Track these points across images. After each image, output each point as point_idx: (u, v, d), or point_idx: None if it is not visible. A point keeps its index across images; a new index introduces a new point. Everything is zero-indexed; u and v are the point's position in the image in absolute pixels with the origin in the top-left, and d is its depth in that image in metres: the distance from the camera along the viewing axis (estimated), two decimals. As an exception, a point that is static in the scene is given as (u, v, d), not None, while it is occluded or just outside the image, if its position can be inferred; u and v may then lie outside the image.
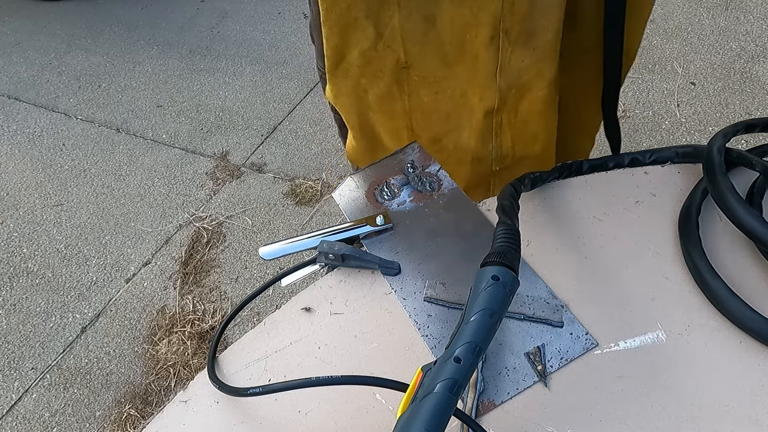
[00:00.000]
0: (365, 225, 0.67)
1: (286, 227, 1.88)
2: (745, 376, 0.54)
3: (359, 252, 0.64)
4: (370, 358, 0.58)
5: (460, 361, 0.43)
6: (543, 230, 0.67)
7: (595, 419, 0.52)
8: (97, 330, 1.66)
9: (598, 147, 2.03)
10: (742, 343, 0.56)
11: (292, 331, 0.62)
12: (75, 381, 1.56)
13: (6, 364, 1.60)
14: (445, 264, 0.64)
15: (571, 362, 0.55)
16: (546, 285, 0.61)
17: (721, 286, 0.57)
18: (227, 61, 2.42)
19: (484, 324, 0.45)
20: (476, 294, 0.47)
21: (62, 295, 1.75)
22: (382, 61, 0.72)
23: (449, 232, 0.66)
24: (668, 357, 0.55)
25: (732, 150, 0.65)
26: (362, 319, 0.61)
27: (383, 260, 0.64)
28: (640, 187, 0.69)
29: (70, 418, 1.50)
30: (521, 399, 0.54)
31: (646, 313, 0.58)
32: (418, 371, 0.46)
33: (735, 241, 0.63)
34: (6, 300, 1.75)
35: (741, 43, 2.24)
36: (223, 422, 0.56)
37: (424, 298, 0.61)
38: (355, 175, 0.73)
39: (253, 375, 0.59)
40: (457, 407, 0.44)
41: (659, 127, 1.99)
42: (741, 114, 2.03)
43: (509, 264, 0.49)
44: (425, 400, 0.42)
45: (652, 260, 0.63)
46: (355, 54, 0.71)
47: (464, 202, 0.68)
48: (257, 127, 2.22)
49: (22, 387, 1.56)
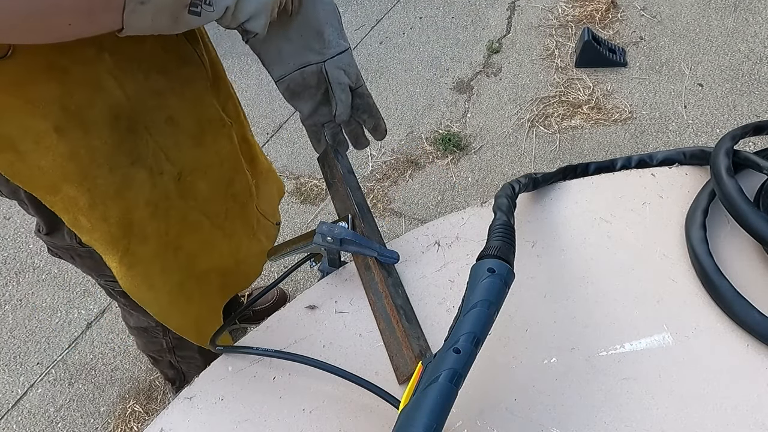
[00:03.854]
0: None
1: (290, 226, 1.89)
2: (752, 379, 0.53)
3: (358, 237, 0.63)
4: (374, 357, 0.58)
5: (460, 352, 0.44)
6: (549, 231, 0.66)
7: (600, 421, 0.52)
8: (102, 326, 1.67)
9: (602, 149, 2.02)
10: (749, 347, 0.55)
11: (297, 329, 0.62)
12: (80, 376, 1.57)
13: (12, 358, 1.61)
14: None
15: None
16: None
17: (728, 288, 0.57)
18: (233, 60, 2.42)
19: (482, 315, 0.46)
20: (473, 286, 0.48)
21: (68, 291, 1.76)
22: (165, 191, 0.72)
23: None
24: (674, 360, 0.55)
25: (740, 152, 0.65)
26: (367, 317, 0.61)
27: (382, 248, 0.64)
28: (647, 189, 0.69)
29: (75, 413, 1.50)
30: (526, 400, 0.53)
31: (652, 315, 0.58)
32: (419, 365, 0.47)
33: (742, 243, 0.63)
34: (12, 295, 1.76)
35: (749, 45, 2.22)
36: (227, 419, 0.56)
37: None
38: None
39: (258, 373, 0.59)
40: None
41: (666, 128, 1.98)
42: (749, 116, 2.02)
43: (504, 257, 0.50)
44: (427, 392, 0.42)
45: (659, 262, 0.62)
46: (141, 209, 0.70)
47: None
48: (263, 125, 2.22)
49: (27, 382, 1.56)
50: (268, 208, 0.95)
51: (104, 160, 0.63)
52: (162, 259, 0.78)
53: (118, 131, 0.63)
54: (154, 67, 0.64)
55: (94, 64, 0.58)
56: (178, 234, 0.78)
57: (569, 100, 2.10)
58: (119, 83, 0.61)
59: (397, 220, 1.84)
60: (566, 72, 2.20)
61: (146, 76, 0.63)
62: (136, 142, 0.66)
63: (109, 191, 0.66)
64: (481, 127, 2.06)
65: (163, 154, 0.69)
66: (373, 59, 2.34)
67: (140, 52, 0.62)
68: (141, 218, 0.71)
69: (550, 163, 1.92)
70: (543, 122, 2.05)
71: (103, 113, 0.61)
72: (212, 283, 0.89)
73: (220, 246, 0.85)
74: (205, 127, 0.74)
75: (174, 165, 0.71)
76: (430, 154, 2.00)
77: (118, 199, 0.67)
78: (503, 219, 0.57)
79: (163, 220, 0.74)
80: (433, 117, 2.11)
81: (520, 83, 2.19)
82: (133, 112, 0.63)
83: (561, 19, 2.41)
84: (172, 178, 0.72)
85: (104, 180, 0.65)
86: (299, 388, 0.57)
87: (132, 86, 0.62)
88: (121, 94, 0.61)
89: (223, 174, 0.80)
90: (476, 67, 2.27)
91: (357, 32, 2.43)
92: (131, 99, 0.62)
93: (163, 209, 0.73)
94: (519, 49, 2.31)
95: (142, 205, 0.70)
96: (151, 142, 0.67)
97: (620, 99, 2.09)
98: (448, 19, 2.48)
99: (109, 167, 0.64)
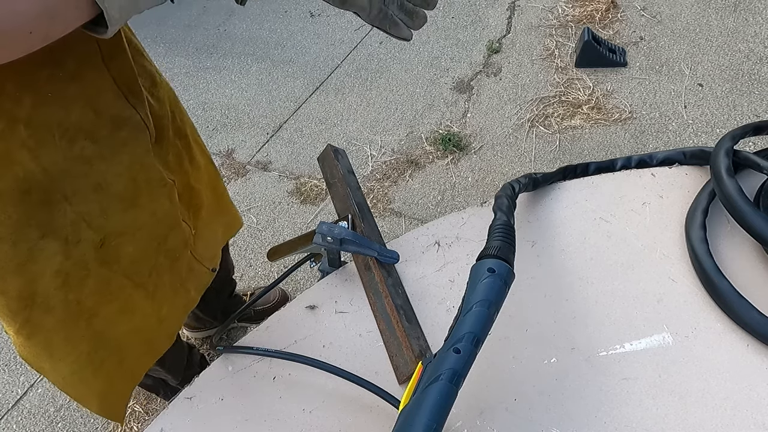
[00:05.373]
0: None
1: (290, 226, 1.89)
2: (752, 379, 0.53)
3: (358, 237, 0.63)
4: (374, 357, 0.58)
5: (460, 352, 0.44)
6: (549, 231, 0.66)
7: (600, 421, 0.52)
8: (102, 326, 1.68)
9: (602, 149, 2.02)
10: (749, 347, 0.55)
11: (297, 329, 0.62)
12: (80, 376, 1.58)
13: (12, 358, 1.61)
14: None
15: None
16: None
17: (728, 288, 0.57)
18: (233, 60, 2.43)
19: (482, 315, 0.46)
20: (473, 286, 0.48)
21: (68, 291, 1.77)
22: (81, 259, 0.67)
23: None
24: (674, 359, 0.55)
25: (740, 152, 0.65)
26: (367, 317, 0.61)
27: (382, 248, 0.64)
28: (647, 189, 0.69)
29: (75, 413, 1.50)
30: (526, 400, 0.53)
31: (652, 315, 0.58)
32: (419, 365, 0.47)
33: (742, 243, 0.63)
34: (12, 295, 1.77)
35: (749, 45, 2.22)
36: (227, 419, 0.56)
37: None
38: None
39: (258, 372, 0.59)
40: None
41: (666, 128, 1.98)
42: (749, 116, 2.02)
43: (504, 257, 0.50)
44: (426, 392, 0.42)
45: (659, 262, 0.62)
46: (48, 280, 0.66)
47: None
48: (263, 125, 2.22)
49: (27, 382, 1.56)
50: (205, 253, 0.90)
51: (7, 234, 0.60)
52: (68, 328, 0.73)
53: (27, 204, 0.59)
54: (82, 133, 0.60)
55: (5, 137, 0.54)
56: (96, 302, 0.73)
57: (569, 100, 2.10)
58: (33, 156, 0.57)
59: (397, 220, 1.84)
60: (566, 72, 2.20)
61: (71, 144, 0.59)
62: (51, 214, 0.62)
63: (9, 266, 0.62)
64: (481, 127, 2.06)
65: (85, 222, 0.65)
66: (373, 59, 2.34)
67: (65, 120, 0.58)
68: (46, 289, 0.67)
69: (550, 163, 1.92)
70: (543, 122, 2.05)
71: (10, 187, 0.57)
72: (131, 347, 0.84)
73: (142, 307, 0.79)
74: (142, 188, 0.70)
75: (97, 232, 0.67)
76: (430, 154, 2.00)
77: (20, 272, 0.64)
78: (503, 219, 0.57)
79: (75, 290, 0.70)
80: (433, 117, 2.11)
81: (520, 83, 2.18)
82: (50, 184, 0.60)
83: (561, 19, 2.41)
84: (92, 245, 0.68)
85: (4, 255, 0.61)
86: (299, 388, 0.57)
87: (50, 157, 0.58)
88: (35, 166, 0.57)
89: (157, 233, 0.76)
90: (476, 67, 2.27)
91: (357, 32, 2.42)
92: (48, 170, 0.59)
93: (76, 279, 0.69)
94: (519, 49, 2.31)
95: (49, 276, 0.66)
96: (70, 211, 0.63)
97: (620, 99, 2.09)
98: (448, 19, 2.48)
99: (12, 242, 0.61)
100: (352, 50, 2.37)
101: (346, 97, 2.21)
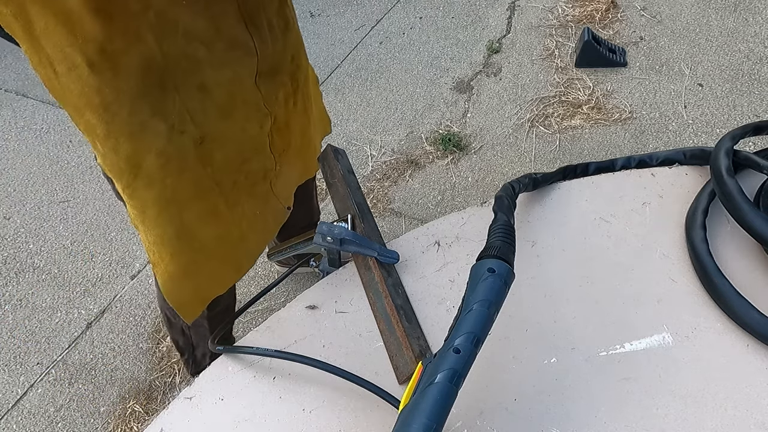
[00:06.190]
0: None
1: (290, 225, 1.89)
2: (752, 379, 0.53)
3: (358, 237, 0.63)
4: (374, 357, 0.58)
5: (460, 352, 0.44)
6: (549, 230, 0.66)
7: (600, 421, 0.52)
8: (102, 326, 1.67)
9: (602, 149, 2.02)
10: (749, 347, 0.55)
11: (297, 329, 0.62)
12: (80, 376, 1.57)
13: (12, 358, 1.61)
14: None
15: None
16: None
17: (728, 288, 0.57)
18: (233, 59, 2.44)
19: (482, 315, 0.46)
20: (473, 286, 0.48)
21: (68, 290, 1.76)
22: (182, 149, 0.75)
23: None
24: (674, 359, 0.55)
25: (740, 152, 0.65)
26: (367, 317, 0.61)
27: (382, 248, 0.64)
28: (647, 189, 0.69)
29: (75, 413, 1.50)
30: (526, 400, 0.53)
31: (652, 315, 0.58)
32: (419, 365, 0.47)
33: (742, 243, 0.63)
34: (12, 295, 1.76)
35: (749, 45, 2.22)
36: (227, 419, 0.56)
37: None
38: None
39: (258, 373, 0.59)
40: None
41: (666, 128, 1.98)
42: (749, 116, 2.02)
43: (504, 257, 0.50)
44: (426, 392, 0.42)
45: (659, 262, 0.62)
46: (153, 157, 0.74)
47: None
48: (263, 125, 2.23)
49: (27, 382, 1.56)
50: (283, 191, 0.97)
51: (126, 102, 0.68)
52: (160, 206, 0.80)
53: (146, 82, 0.67)
54: (198, 38, 0.68)
55: (138, 18, 0.62)
56: (188, 197, 0.81)
57: (569, 100, 2.10)
58: (157, 40, 0.65)
59: (397, 220, 1.84)
60: (566, 72, 2.20)
61: (188, 43, 0.67)
62: (163, 97, 0.70)
63: (123, 130, 0.70)
64: (481, 127, 2.06)
65: (189, 115, 0.73)
66: (373, 59, 2.34)
67: (190, 24, 0.66)
68: (150, 165, 0.75)
69: (550, 163, 1.92)
70: (543, 122, 2.05)
71: (135, 62, 0.65)
72: (215, 252, 0.90)
73: (225, 216, 0.87)
74: (238, 104, 0.77)
75: (198, 128, 0.75)
76: (430, 154, 2.00)
77: (131, 140, 0.72)
78: (503, 219, 0.57)
79: (173, 175, 0.77)
80: (433, 117, 2.11)
81: (520, 83, 2.19)
82: (166, 70, 0.67)
83: (561, 19, 2.41)
84: (193, 140, 0.75)
85: (121, 119, 0.69)
86: (299, 388, 0.57)
87: (170, 47, 0.66)
88: (157, 50, 0.65)
89: (242, 150, 0.83)
90: (476, 67, 2.27)
91: (357, 32, 2.42)
92: (167, 56, 0.66)
93: (176, 166, 0.76)
94: (519, 49, 2.31)
95: (154, 154, 0.74)
96: (178, 101, 0.71)
97: (620, 99, 2.09)
98: (448, 19, 2.48)
99: (129, 110, 0.68)
100: (352, 50, 2.37)
101: (346, 97, 2.21)
